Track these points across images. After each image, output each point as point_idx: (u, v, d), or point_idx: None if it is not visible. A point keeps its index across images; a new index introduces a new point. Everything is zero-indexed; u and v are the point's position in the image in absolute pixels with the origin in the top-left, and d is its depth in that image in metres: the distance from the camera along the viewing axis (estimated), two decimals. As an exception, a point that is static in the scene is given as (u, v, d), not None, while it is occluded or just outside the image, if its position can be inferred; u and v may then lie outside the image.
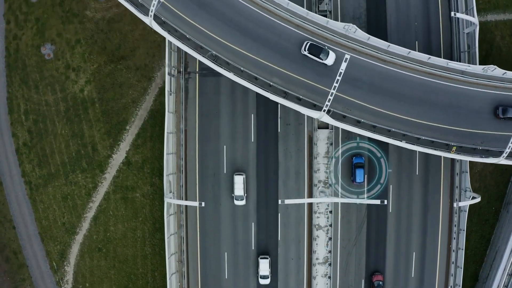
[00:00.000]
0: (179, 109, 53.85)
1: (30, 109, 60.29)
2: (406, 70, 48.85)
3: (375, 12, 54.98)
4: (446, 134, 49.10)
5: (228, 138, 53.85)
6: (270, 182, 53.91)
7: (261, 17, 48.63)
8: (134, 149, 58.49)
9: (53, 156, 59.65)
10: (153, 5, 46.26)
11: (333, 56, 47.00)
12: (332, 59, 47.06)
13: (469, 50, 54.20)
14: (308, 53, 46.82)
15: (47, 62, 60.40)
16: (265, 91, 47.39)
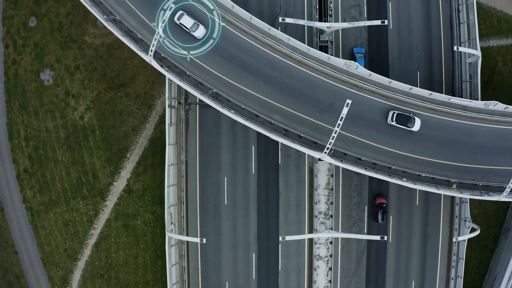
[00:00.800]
0: (180, 141, 53.72)
1: (30, 135, 60.22)
2: (408, 106, 48.72)
3: (376, 42, 54.48)
4: (446, 169, 49.18)
5: (228, 170, 53.81)
6: (271, 214, 53.92)
7: (262, 53, 48.29)
8: (135, 177, 58.63)
9: (54, 183, 59.78)
10: (153, 45, 45.84)
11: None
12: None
13: (471, 80, 54.06)
14: None
15: (46, 88, 60.19)
16: (266, 130, 47.26)
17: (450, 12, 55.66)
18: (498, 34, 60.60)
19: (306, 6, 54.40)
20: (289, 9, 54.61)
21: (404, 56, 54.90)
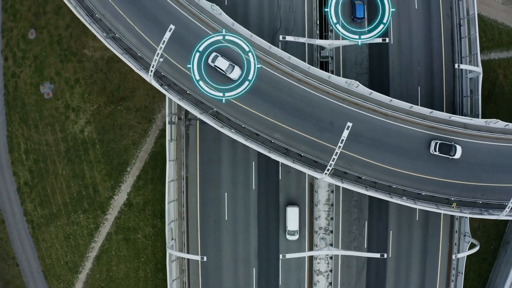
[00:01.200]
0: (180, 156, 53.70)
1: (30, 149, 60.18)
2: (408, 124, 48.72)
3: (377, 57, 54.26)
4: (446, 187, 49.34)
5: (229, 185, 53.87)
6: (271, 229, 54.13)
7: (263, 71, 48.28)
8: (135, 191, 58.68)
9: (54, 196, 59.83)
10: (153, 66, 45.56)
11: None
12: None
13: (472, 96, 53.96)
14: None
15: (46, 102, 60.05)
16: (266, 149, 47.25)
17: (451, 26, 55.40)
18: (499, 46, 60.39)
19: (306, 22, 54.17)
20: (289, 25, 54.37)
21: (404, 72, 54.74)
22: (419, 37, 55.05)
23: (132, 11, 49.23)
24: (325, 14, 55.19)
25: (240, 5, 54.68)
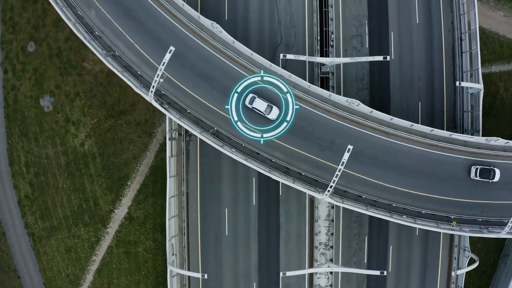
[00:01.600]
0: (181, 172, 53.71)
1: (31, 162, 60.19)
2: (409, 143, 48.60)
3: (378, 73, 54.09)
4: (446, 205, 49.32)
5: (229, 201, 53.90)
6: (272, 245, 54.14)
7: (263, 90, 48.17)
8: (136, 205, 58.81)
9: (55, 210, 59.96)
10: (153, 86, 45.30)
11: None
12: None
13: (472, 111, 53.85)
14: None
15: (46, 115, 59.96)
16: (267, 168, 47.19)
17: (452, 41, 55.11)
18: (500, 59, 60.17)
19: (307, 37, 53.98)
20: (290, 40, 54.18)
21: (405, 87, 54.57)
22: (420, 52, 54.90)
23: (132, 28, 48.93)
24: (326, 29, 55.34)
25: (241, 20, 54.51)
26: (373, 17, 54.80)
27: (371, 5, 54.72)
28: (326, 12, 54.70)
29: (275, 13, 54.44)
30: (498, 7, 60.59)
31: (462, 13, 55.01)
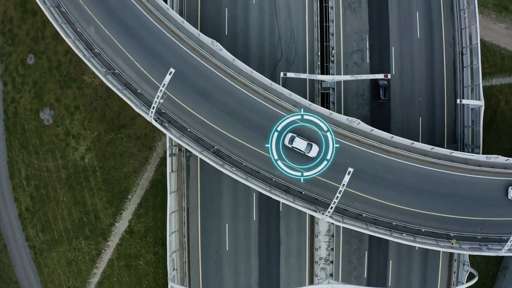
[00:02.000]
0: (181, 188, 53.73)
1: (31, 175, 60.19)
2: (409, 160, 48.59)
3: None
4: (446, 223, 49.36)
5: (230, 216, 53.98)
6: (272, 260, 54.32)
7: (264, 107, 47.94)
8: (137, 218, 58.86)
9: (56, 223, 60.04)
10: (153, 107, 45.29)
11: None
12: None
13: (473, 127, 53.77)
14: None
15: (46, 128, 59.85)
16: (267, 186, 47.23)
17: (453, 55, 55.12)
18: (501, 72, 59.96)
19: (308, 52, 53.81)
20: (290, 55, 54.00)
21: (406, 102, 54.58)
22: (421, 67, 54.79)
23: (131, 45, 48.64)
24: (326, 44, 55.09)
25: (241, 35, 54.32)
26: (374, 31, 54.66)
27: (372, 19, 54.62)
28: (326, 27, 54.57)
29: (276, 28, 54.24)
30: (500, 19, 60.33)
31: (463, 27, 54.90)
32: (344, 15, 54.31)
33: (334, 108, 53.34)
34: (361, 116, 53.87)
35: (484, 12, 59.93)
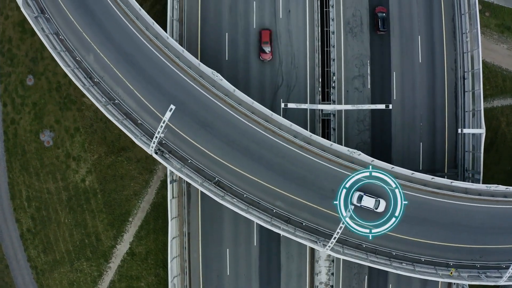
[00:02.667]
0: (182, 213, 53.81)
1: (32, 196, 60.22)
2: (410, 191, 48.66)
3: (379, 114, 53.81)
4: (446, 251, 49.65)
5: (231, 242, 54.15)
6: (273, 285, 54.44)
7: (264, 138, 47.90)
8: (138, 241, 59.01)
9: (57, 244, 60.25)
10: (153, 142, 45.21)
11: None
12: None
13: (474, 152, 53.71)
14: None
15: (46, 150, 59.71)
16: (268, 217, 47.34)
17: (455, 79, 54.86)
18: (503, 93, 59.64)
19: (308, 78, 53.53)
20: (291, 80, 53.70)
21: (407, 127, 54.44)
22: (422, 92, 54.56)
23: (131, 74, 48.37)
24: (327, 70, 54.75)
25: (241, 60, 53.93)
26: (375, 57, 54.31)
27: (373, 44, 54.24)
28: (327, 52, 54.25)
29: (277, 53, 53.83)
30: (502, 40, 59.87)
31: (465, 51, 54.56)
32: (345, 40, 53.92)
33: (335, 134, 53.25)
34: (362, 142, 53.98)
35: (486, 33, 59.44)
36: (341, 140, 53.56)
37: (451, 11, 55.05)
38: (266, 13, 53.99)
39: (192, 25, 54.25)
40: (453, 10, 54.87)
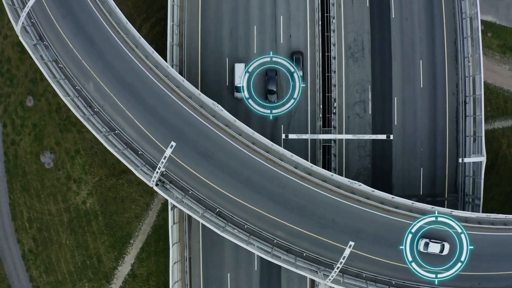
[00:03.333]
0: (183, 238, 53.98)
1: (33, 217, 60.42)
2: (410, 219, 48.95)
3: (380, 140, 53.71)
4: (447, 279, 50.35)
5: (231, 266, 54.37)
6: (273, 308, 55.60)
7: (265, 168, 47.85)
8: (139, 262, 59.37)
9: (59, 265, 60.59)
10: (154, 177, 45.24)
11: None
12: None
13: (474, 177, 53.71)
14: None
15: (47, 171, 59.76)
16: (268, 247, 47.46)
17: (456, 104, 54.64)
18: (504, 115, 59.48)
19: (309, 104, 53.39)
20: (292, 106, 53.69)
21: (408, 153, 54.33)
22: (423, 117, 54.38)
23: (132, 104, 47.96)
24: (328, 95, 54.54)
25: (242, 86, 53.90)
26: (376, 81, 54.05)
27: (375, 69, 53.95)
28: (328, 77, 54.01)
29: (278, 79, 53.61)
30: (504, 61, 59.53)
31: (467, 75, 54.32)
32: (346, 65, 53.60)
33: (335, 160, 53.25)
34: (362, 167, 54.01)
35: (488, 54, 59.11)
36: (342, 166, 53.60)
37: (453, 35, 54.67)
38: (267, 38, 53.71)
39: (192, 50, 53.90)
40: (456, 33, 54.69)
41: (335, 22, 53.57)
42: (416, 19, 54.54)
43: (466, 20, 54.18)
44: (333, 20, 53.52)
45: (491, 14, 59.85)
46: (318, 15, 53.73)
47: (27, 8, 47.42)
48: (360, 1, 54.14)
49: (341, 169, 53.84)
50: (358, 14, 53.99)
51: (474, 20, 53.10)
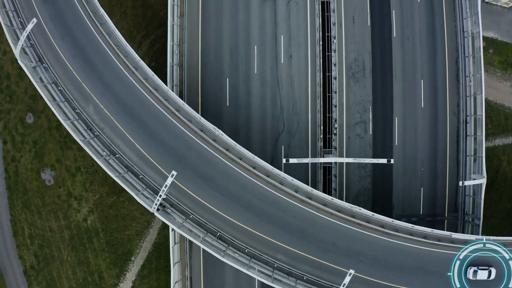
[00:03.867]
0: (184, 258, 54.15)
1: (34, 234, 60.60)
2: (410, 242, 48.84)
3: (381, 166, 53.84)
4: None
5: (232, 285, 54.66)
6: (274, 326, 55.86)
7: (266, 192, 47.80)
8: (140, 279, 59.65)
9: (60, 281, 60.89)
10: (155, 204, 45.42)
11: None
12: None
13: (474, 197, 53.73)
14: None
15: (48, 188, 59.79)
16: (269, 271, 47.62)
17: (457, 124, 54.58)
18: (505, 132, 59.37)
19: (310, 124, 53.17)
20: (292, 126, 53.39)
21: (408, 173, 54.33)
22: (424, 137, 54.30)
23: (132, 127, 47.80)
24: (329, 116, 54.35)
25: (242, 106, 53.54)
26: (377, 102, 53.91)
27: (376, 89, 53.76)
28: (329, 97, 53.82)
29: (278, 98, 53.40)
30: (505, 77, 59.28)
31: (468, 94, 54.20)
32: (347, 85, 53.41)
33: (336, 181, 53.30)
34: (363, 188, 54.04)
35: (489, 71, 58.84)
36: (343, 186, 53.64)
37: (454, 53, 54.42)
38: (267, 58, 53.44)
39: (192, 70, 53.66)
40: (457, 52, 54.44)
41: (336, 41, 53.33)
42: (418, 38, 54.27)
43: (468, 39, 53.97)
44: (334, 40, 53.27)
45: (493, 30, 59.51)
46: (319, 35, 53.56)
47: (26, 33, 47.18)
48: (361, 20, 54.00)
49: (341, 189, 53.93)
50: (359, 34, 53.72)
51: (476, 39, 52.92)
